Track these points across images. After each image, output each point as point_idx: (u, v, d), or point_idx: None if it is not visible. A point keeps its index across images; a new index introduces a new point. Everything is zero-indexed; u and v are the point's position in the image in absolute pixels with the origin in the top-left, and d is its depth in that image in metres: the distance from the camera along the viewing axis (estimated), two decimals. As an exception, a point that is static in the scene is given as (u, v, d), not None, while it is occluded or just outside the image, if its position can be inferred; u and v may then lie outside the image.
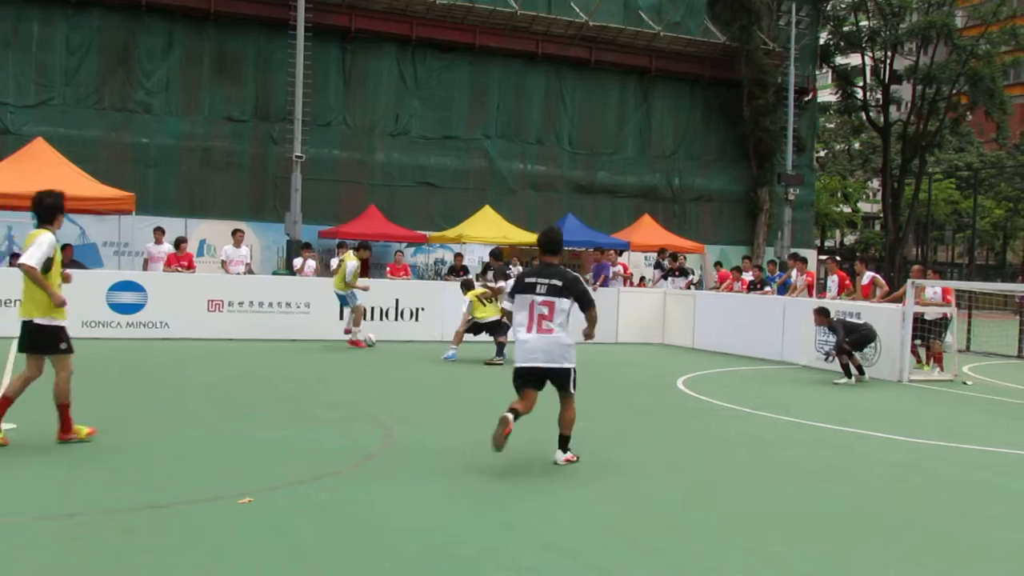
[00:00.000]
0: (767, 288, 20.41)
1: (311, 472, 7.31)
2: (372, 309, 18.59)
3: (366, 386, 12.53)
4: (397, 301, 18.81)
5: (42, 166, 18.73)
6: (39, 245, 7.79)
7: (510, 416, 7.67)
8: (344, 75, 29.93)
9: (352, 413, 10.29)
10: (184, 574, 4.97)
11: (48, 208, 8.05)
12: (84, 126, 26.53)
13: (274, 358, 14.78)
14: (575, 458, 8.05)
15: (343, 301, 17.20)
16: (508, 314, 8.59)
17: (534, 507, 6.58)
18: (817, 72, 42.40)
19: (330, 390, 11.92)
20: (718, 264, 22.67)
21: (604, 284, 20.99)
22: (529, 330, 8.01)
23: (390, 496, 6.73)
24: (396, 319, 18.77)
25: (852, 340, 14.60)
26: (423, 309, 19.03)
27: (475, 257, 27.84)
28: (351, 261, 16.82)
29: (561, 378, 8.00)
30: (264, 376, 12.57)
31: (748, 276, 21.41)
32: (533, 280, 8.08)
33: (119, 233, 21.04)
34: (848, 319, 15.21)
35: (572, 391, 8.05)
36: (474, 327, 16.09)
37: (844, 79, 49.49)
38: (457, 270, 22.78)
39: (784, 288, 19.79)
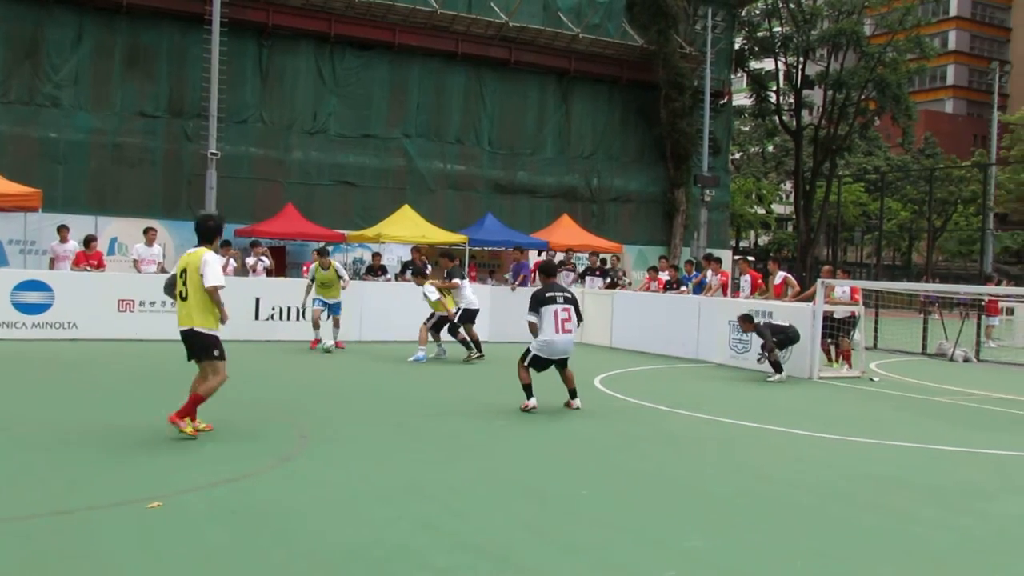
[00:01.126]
0: (683, 288, 20.70)
1: (225, 475, 7.18)
2: (287, 309, 18.39)
3: (283, 387, 12.37)
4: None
5: (-57, 161, 18.14)
6: (209, 264, 8.51)
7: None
8: (261, 72, 29.47)
9: (268, 414, 10.14)
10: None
11: (211, 230, 8.90)
12: (-11, 120, 25.68)
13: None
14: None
15: (335, 309, 17.27)
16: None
17: (451, 506, 6.56)
18: (732, 76, 43.14)
19: (245, 391, 11.71)
20: (652, 269, 22.82)
21: (523, 284, 21.05)
22: (556, 331, 10.88)
23: (305, 498, 6.65)
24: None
25: (778, 340, 15.01)
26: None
27: (394, 256, 27.70)
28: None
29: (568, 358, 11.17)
30: (176, 377, 12.30)
31: (664, 276, 21.69)
32: (552, 295, 11.05)
33: (25, 231, 20.45)
34: (774, 322, 15.57)
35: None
36: (440, 322, 16.55)
37: (758, 83, 50.53)
38: (375, 269, 22.64)
39: (700, 288, 20.09)
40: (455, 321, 16.28)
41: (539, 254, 27.66)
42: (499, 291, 20.95)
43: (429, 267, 20.49)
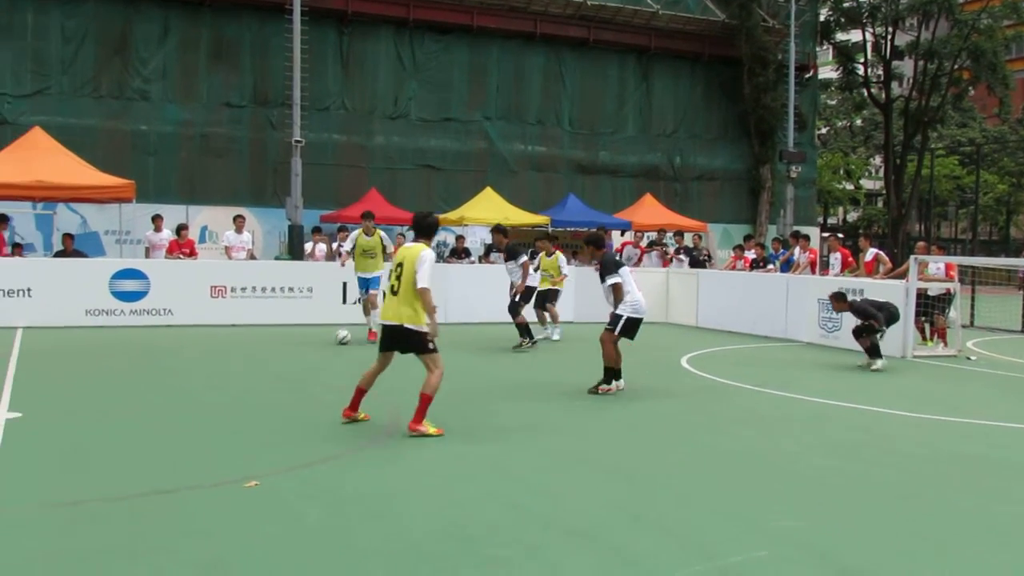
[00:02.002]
0: (770, 266, 20.37)
1: (317, 455, 7.31)
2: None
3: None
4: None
5: (40, 155, 18.71)
6: (426, 262, 8.34)
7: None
8: (342, 59, 29.80)
9: (368, 397, 10.25)
10: (192, 559, 4.97)
11: (429, 226, 8.79)
12: (82, 114, 26.45)
13: (278, 343, 14.77)
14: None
15: (373, 283, 15.63)
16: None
17: (539, 486, 6.58)
18: (818, 49, 42.21)
19: (334, 374, 11.91)
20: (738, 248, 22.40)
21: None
22: (639, 291, 10.82)
23: (394, 478, 6.74)
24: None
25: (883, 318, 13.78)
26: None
27: (477, 239, 27.79)
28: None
29: None
30: (268, 361, 12.58)
31: (750, 254, 21.37)
32: (621, 259, 11.68)
33: (120, 221, 21.00)
34: (872, 299, 14.54)
35: None
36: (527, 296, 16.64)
37: (845, 55, 49.25)
38: (459, 252, 22.73)
39: (787, 266, 19.75)
40: (517, 301, 15.97)
41: (622, 234, 27.50)
42: (583, 272, 20.86)
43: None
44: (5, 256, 17.50)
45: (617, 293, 10.64)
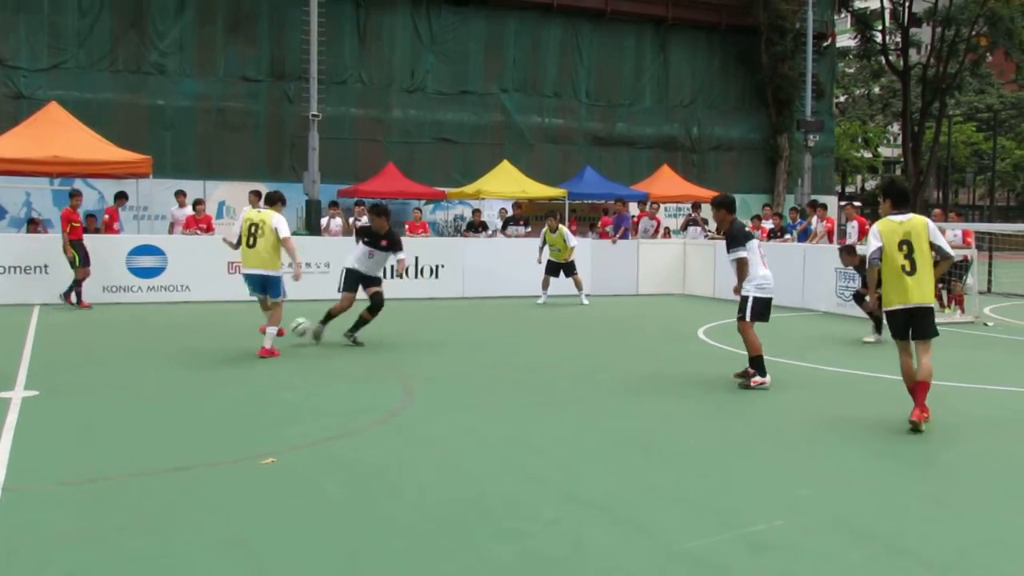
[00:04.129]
0: (787, 236, 20.29)
1: (335, 430, 7.36)
2: (389, 267, 18.59)
3: (387, 344, 12.55)
4: (417, 259, 18.82)
5: (57, 130, 18.71)
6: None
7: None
8: (359, 32, 29.72)
9: (374, 371, 10.33)
10: (211, 535, 5.01)
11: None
12: (98, 89, 26.46)
13: (294, 318, 14.78)
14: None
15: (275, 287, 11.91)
16: None
17: (557, 459, 6.60)
18: (835, 17, 41.79)
19: (351, 349, 11.97)
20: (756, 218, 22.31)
21: (624, 236, 20.95)
22: (766, 267, 9.60)
23: (413, 451, 6.78)
24: (416, 276, 18.79)
25: None
26: (443, 266, 19.05)
27: (494, 212, 27.77)
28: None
29: None
30: (286, 336, 12.63)
31: (768, 224, 21.29)
32: (749, 230, 10.05)
33: (137, 197, 21.07)
34: None
35: None
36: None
37: (863, 23, 48.77)
38: (476, 226, 22.74)
39: (805, 235, 19.67)
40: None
41: (639, 206, 27.44)
42: (600, 245, 20.87)
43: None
44: (115, 233, 17.51)
45: (742, 269, 9.42)
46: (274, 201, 11.67)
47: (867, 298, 13.27)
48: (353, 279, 12.36)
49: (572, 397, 8.97)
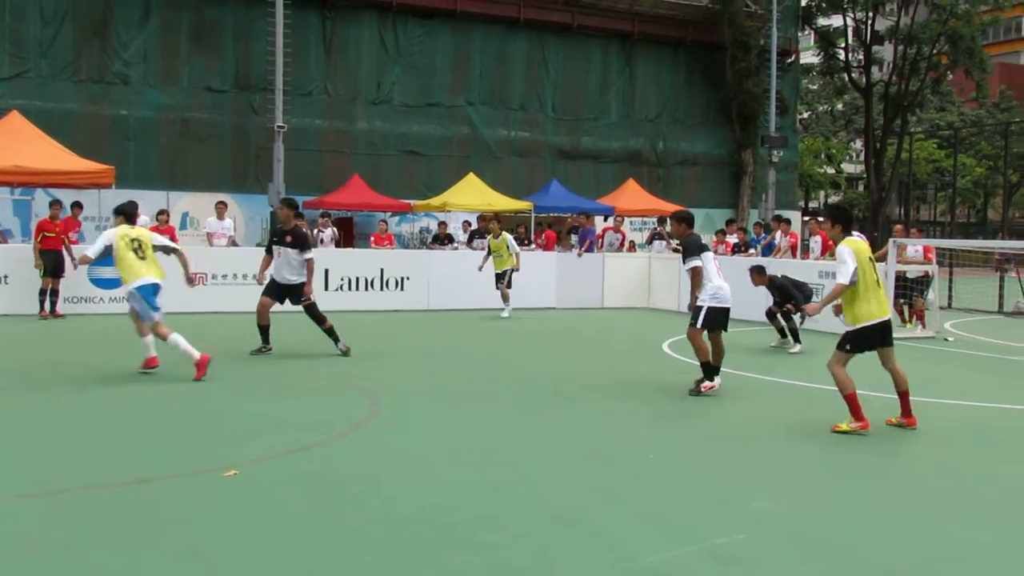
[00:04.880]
0: (751, 250, 20.46)
1: (298, 443, 7.32)
2: (355, 279, 18.57)
3: (354, 356, 12.48)
4: (382, 271, 18.78)
5: (19, 140, 18.50)
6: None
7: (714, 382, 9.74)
8: (325, 44, 29.64)
9: (337, 383, 10.28)
10: (172, 548, 4.97)
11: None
12: (61, 98, 26.17)
13: (256, 330, 14.67)
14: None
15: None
16: None
17: (522, 471, 6.61)
18: (799, 34, 42.28)
19: (315, 361, 11.91)
20: (720, 232, 22.34)
21: (589, 250, 21.03)
22: (720, 277, 9.85)
23: (377, 464, 6.76)
24: (381, 288, 18.75)
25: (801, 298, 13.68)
26: (408, 278, 19.02)
27: (459, 225, 27.76)
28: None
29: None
30: (248, 349, 12.55)
31: (732, 239, 21.45)
32: (704, 243, 10.07)
33: (99, 207, 20.84)
34: (790, 276, 14.56)
35: None
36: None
37: (826, 40, 49.41)
38: (442, 238, 22.72)
39: (769, 250, 19.84)
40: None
41: (604, 219, 27.55)
42: (565, 258, 20.92)
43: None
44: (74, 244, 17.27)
45: (696, 278, 9.69)
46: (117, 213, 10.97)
47: (793, 314, 13.57)
48: (269, 285, 12.32)
49: (537, 409, 8.98)
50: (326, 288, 17.90)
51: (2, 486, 6.08)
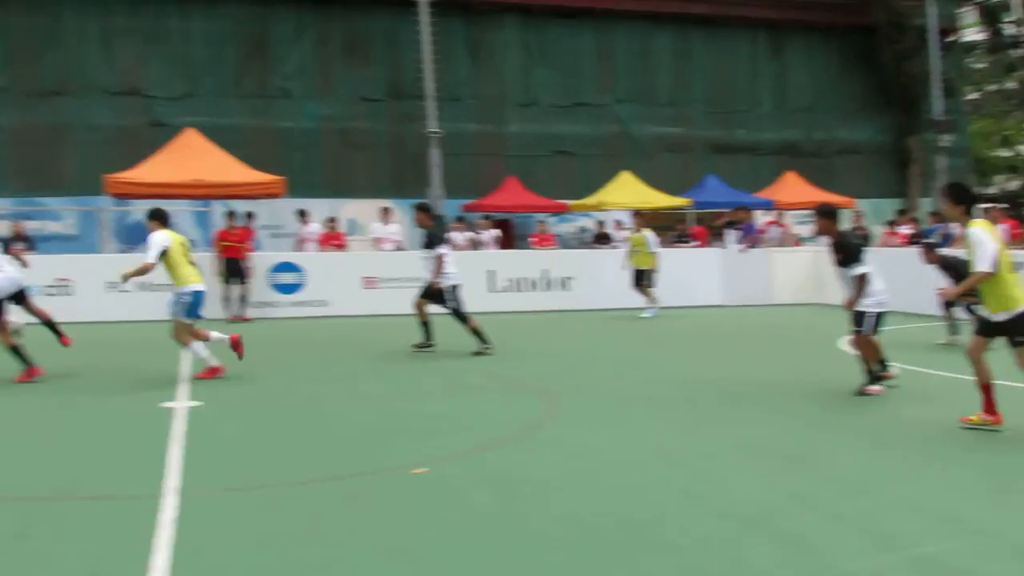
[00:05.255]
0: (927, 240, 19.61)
1: (479, 442, 7.45)
2: (518, 279, 18.72)
3: (524, 356, 12.62)
4: (546, 271, 18.89)
5: (196, 155, 19.55)
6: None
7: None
8: (470, 49, 30.06)
9: (515, 384, 10.40)
10: (371, 543, 5.12)
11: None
12: (228, 114, 27.28)
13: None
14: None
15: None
16: None
17: (707, 473, 6.53)
18: (960, 11, 40.34)
19: (491, 361, 12.07)
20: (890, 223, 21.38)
21: (753, 245, 20.65)
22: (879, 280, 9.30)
23: (558, 464, 6.79)
24: (545, 289, 18.85)
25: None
26: (572, 278, 19.04)
27: (612, 224, 27.65)
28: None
29: None
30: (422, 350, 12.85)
31: (905, 229, 20.61)
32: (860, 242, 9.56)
33: (271, 216, 21.73)
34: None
35: None
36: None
37: (990, 15, 46.93)
38: (600, 238, 22.70)
39: (946, 240, 18.99)
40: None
41: (763, 213, 26.96)
42: (727, 254, 20.58)
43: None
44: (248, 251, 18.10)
45: (862, 285, 9.13)
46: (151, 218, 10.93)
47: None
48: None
49: (716, 410, 8.85)
50: (492, 289, 18.14)
51: (212, 480, 6.42)
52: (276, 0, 27.99)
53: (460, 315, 12.62)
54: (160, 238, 10.61)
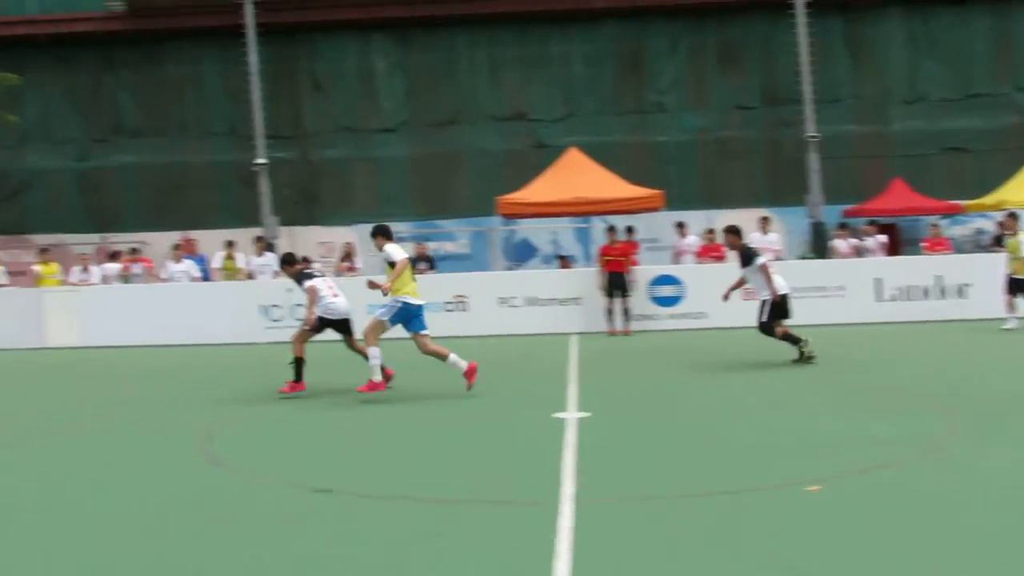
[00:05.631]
0: None
1: (877, 460, 7.17)
2: (907, 288, 17.76)
3: (924, 369, 12.00)
4: (939, 278, 17.78)
5: (577, 173, 20.51)
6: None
7: None
8: (850, 47, 28.92)
9: (914, 398, 9.90)
10: (761, 559, 5.11)
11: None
12: (607, 131, 28.25)
13: (815, 342, 14.53)
14: None
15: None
16: None
17: None
18: None
19: (891, 374, 11.58)
20: None
21: None
22: None
23: (962, 485, 6.42)
24: (939, 297, 17.73)
25: None
26: (970, 285, 17.74)
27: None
28: None
29: None
30: (814, 363, 12.56)
31: None
32: None
33: (648, 229, 22.20)
34: None
35: None
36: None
37: None
38: (1000, 240, 20.93)
39: None
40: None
41: None
42: None
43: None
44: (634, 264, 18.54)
45: None
46: (375, 235, 11.11)
47: None
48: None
49: None
50: (879, 299, 17.38)
51: (603, 489, 6.64)
52: (652, 14, 28.61)
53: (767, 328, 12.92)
54: (395, 248, 10.86)
